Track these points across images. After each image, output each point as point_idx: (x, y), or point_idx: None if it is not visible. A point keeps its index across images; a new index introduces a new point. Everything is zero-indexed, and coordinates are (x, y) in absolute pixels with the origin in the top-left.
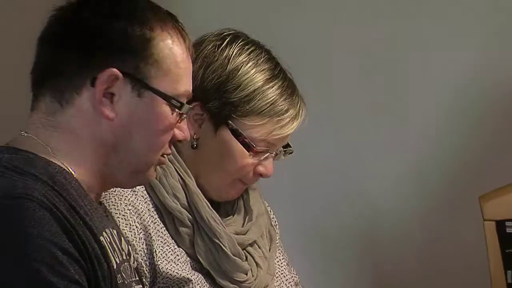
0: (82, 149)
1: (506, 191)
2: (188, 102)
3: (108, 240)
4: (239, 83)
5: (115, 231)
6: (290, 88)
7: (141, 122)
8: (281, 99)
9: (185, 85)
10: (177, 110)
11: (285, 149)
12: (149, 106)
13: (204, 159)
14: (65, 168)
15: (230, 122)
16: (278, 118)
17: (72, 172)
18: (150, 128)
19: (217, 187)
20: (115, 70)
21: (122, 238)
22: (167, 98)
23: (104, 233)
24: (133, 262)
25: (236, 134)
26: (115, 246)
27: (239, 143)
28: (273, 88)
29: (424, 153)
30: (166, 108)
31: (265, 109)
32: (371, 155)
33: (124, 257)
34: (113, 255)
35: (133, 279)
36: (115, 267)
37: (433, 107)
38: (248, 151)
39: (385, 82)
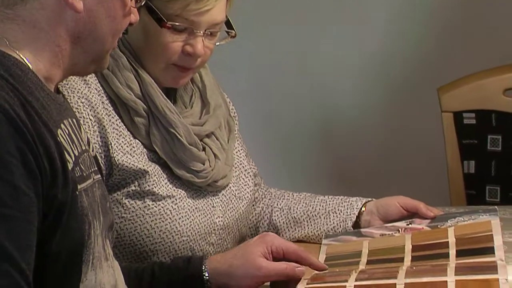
0: (44, 41)
1: (464, 82)
2: None
3: (67, 131)
4: None
5: (74, 120)
6: None
7: (106, 10)
8: None
9: None
10: None
11: (227, 31)
12: None
13: (136, 44)
14: (21, 60)
15: (147, 0)
16: None
17: (29, 64)
18: (113, 15)
19: (153, 72)
20: None
21: (81, 128)
22: None
23: (62, 125)
24: (92, 151)
25: (150, 11)
26: (74, 137)
27: (154, 21)
28: None
29: (384, 45)
30: None
31: None
32: (331, 48)
33: (84, 148)
34: (71, 148)
35: (92, 170)
36: (73, 160)
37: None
38: (161, 27)
39: None
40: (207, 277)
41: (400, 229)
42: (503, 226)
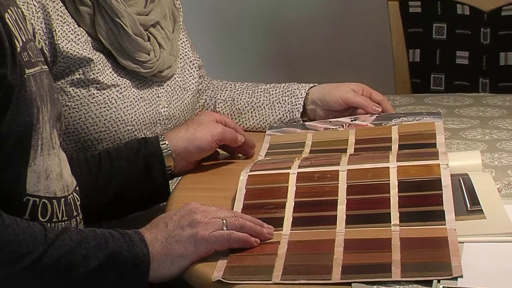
0: None
1: None
2: None
3: (14, 18)
4: None
5: (19, 10)
6: None
7: None
8: None
9: None
10: None
11: None
12: None
13: None
14: None
15: None
16: None
17: None
18: None
19: None
20: None
21: (26, 19)
22: None
23: (9, 10)
24: (38, 43)
25: None
26: (21, 25)
27: None
28: None
29: None
30: None
31: None
32: None
33: (30, 37)
34: (19, 33)
35: (39, 59)
36: (20, 45)
37: None
38: None
39: None
40: (168, 149)
41: (344, 125)
42: (447, 114)
